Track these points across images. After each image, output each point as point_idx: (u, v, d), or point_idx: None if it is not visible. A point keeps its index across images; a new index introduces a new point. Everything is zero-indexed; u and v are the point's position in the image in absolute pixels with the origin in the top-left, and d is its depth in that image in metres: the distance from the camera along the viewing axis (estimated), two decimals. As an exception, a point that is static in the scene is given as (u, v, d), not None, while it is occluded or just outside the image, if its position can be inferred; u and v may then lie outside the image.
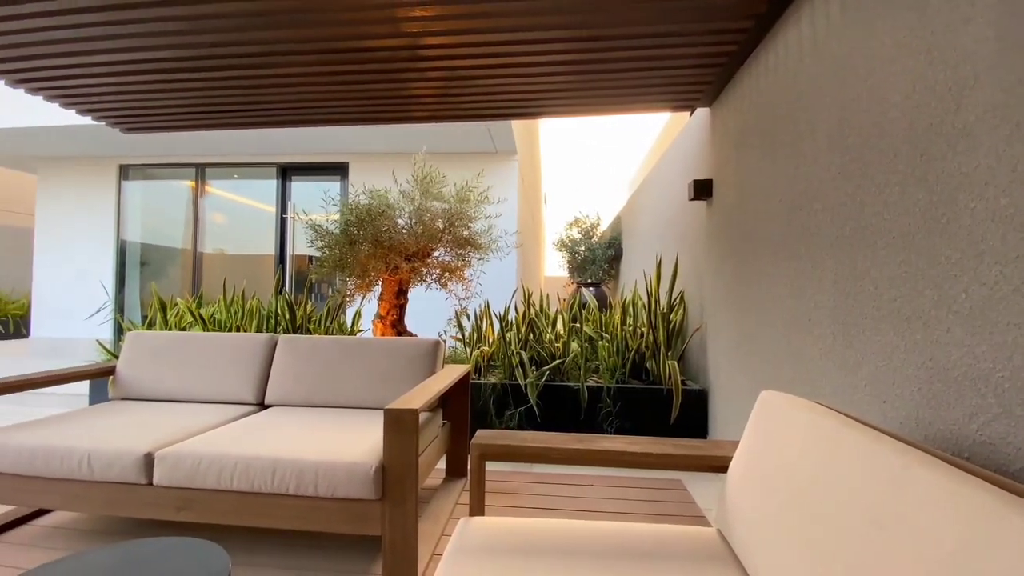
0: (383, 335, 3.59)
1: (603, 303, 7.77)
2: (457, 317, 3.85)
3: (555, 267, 11.04)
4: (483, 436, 1.53)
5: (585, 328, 3.73)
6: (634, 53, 2.64)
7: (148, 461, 1.82)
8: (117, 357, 2.78)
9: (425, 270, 3.64)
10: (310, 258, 6.30)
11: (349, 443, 1.87)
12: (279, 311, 3.92)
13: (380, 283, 3.63)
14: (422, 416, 2.12)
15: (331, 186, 6.51)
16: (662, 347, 3.41)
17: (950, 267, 1.17)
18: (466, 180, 3.66)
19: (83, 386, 4.23)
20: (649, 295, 3.64)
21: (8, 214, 11.35)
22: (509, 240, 5.22)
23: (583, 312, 3.89)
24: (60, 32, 2.51)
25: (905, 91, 1.34)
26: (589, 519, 1.87)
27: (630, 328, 3.63)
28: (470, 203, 3.59)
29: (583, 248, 9.34)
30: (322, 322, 3.97)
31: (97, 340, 4.93)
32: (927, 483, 0.73)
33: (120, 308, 6.73)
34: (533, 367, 3.40)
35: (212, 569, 1.14)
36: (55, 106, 3.49)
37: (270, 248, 6.54)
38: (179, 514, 1.80)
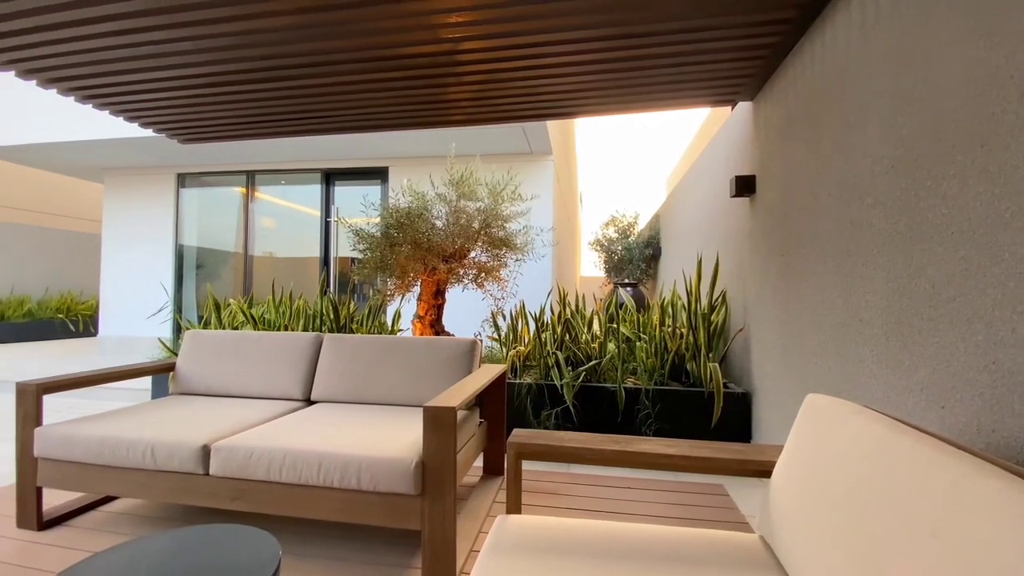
0: (422, 334, 3.67)
1: (641, 303, 7.65)
2: (493, 317, 3.89)
3: (591, 267, 10.93)
4: (520, 435, 1.55)
5: (622, 329, 3.68)
6: (671, 49, 2.59)
7: (205, 453, 1.94)
8: (177, 354, 2.96)
9: (462, 271, 3.69)
10: (352, 260, 6.50)
11: (390, 439, 1.93)
12: (324, 311, 4.06)
13: (419, 284, 3.72)
14: (460, 414, 2.16)
15: (372, 190, 6.69)
16: (703, 348, 3.33)
17: (1015, 264, 1.09)
18: (498, 178, 3.69)
19: (146, 381, 4.53)
20: (689, 295, 3.57)
21: (79, 221, 12.27)
22: (544, 239, 5.23)
23: (620, 312, 3.84)
24: (123, 51, 2.70)
25: (963, 78, 1.27)
26: (627, 522, 1.85)
27: (669, 329, 3.56)
28: (504, 200, 3.61)
29: (620, 247, 9.22)
30: (364, 322, 4.09)
31: (159, 338, 5.27)
32: (987, 493, 0.69)
33: (178, 308, 7.14)
34: (569, 368, 3.39)
35: (264, 556, 1.20)
36: (119, 120, 3.76)
37: (315, 251, 6.79)
38: (233, 503, 1.90)
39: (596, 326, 3.88)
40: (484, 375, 2.33)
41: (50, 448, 2.07)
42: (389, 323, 4.26)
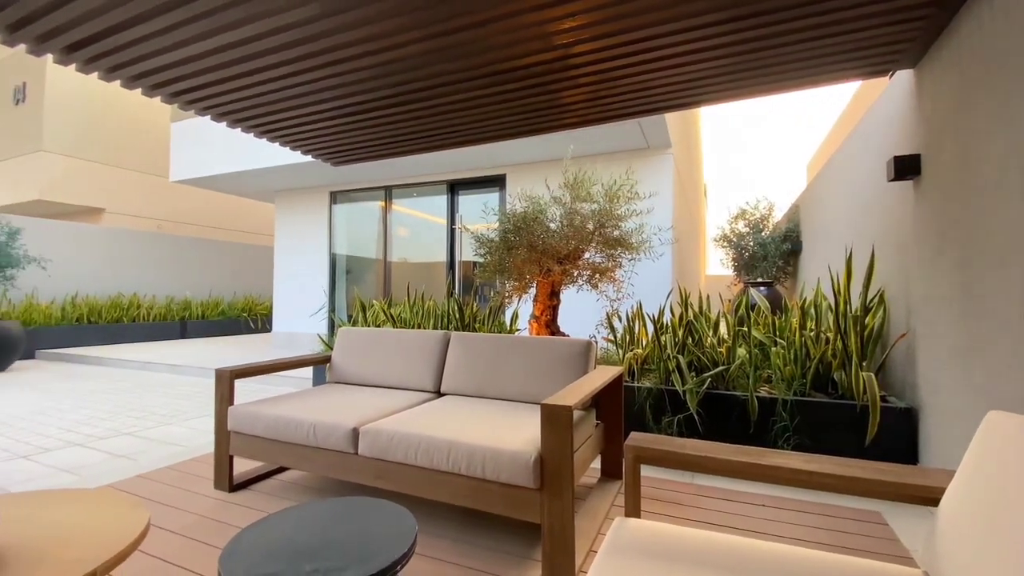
0: (538, 334, 3.76)
1: (776, 304, 6.92)
2: (608, 318, 3.84)
3: (718, 265, 10.16)
4: (638, 438, 1.53)
5: (754, 332, 3.39)
6: (809, 21, 2.34)
7: (354, 435, 2.22)
8: (332, 348, 3.42)
9: (576, 272, 3.71)
10: (474, 264, 6.89)
11: (511, 433, 2.03)
12: (451, 311, 4.38)
13: (535, 285, 3.82)
14: (576, 414, 2.19)
15: (491, 197, 7.03)
16: (854, 356, 2.93)
17: None
18: (614, 179, 3.63)
19: (308, 370, 5.30)
20: (836, 295, 3.16)
21: (257, 236, 14.73)
22: (663, 237, 5.01)
23: (752, 314, 3.54)
24: (288, 91, 3.21)
25: None
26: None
27: (811, 333, 3.19)
28: (619, 201, 3.55)
29: (751, 243, 8.44)
30: (485, 321, 4.32)
31: (318, 334, 6.12)
32: None
33: (333, 308, 8.21)
34: (692, 373, 3.22)
35: (403, 528, 1.35)
36: (286, 149, 4.46)
37: (442, 256, 7.33)
38: (377, 481, 2.16)
39: (723, 329, 3.62)
40: (600, 376, 2.33)
41: (239, 424, 2.54)
42: (508, 323, 4.43)
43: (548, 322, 3.75)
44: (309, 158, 4.73)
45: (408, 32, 2.51)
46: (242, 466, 2.81)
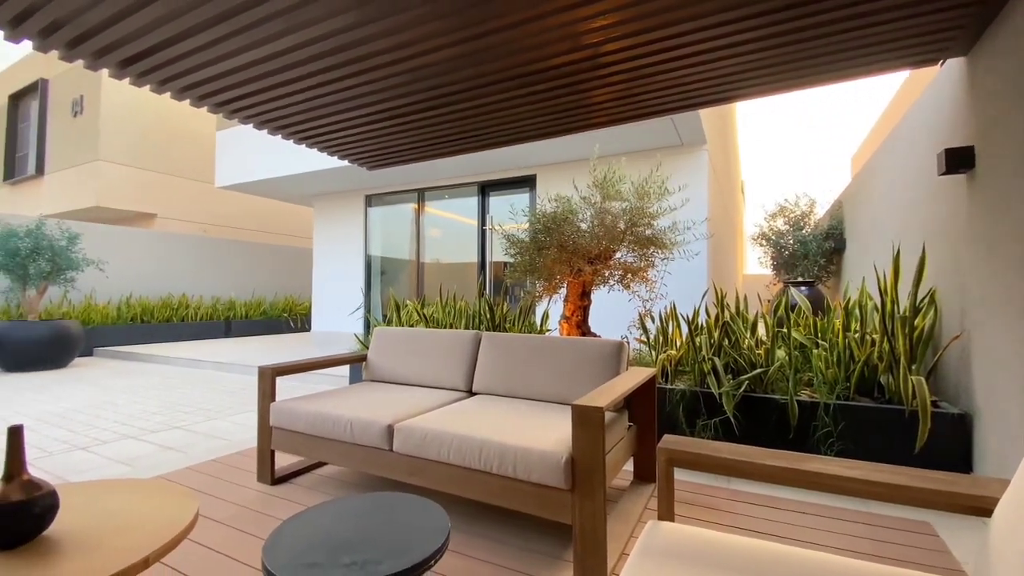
0: (568, 335, 3.75)
1: (818, 305, 6.67)
2: (641, 319, 3.78)
3: (756, 264, 9.84)
4: (671, 441, 1.51)
5: (794, 334, 3.28)
6: (849, 11, 2.25)
7: (389, 432, 2.28)
8: (367, 347, 3.51)
9: (607, 272, 3.68)
10: (504, 264, 6.92)
11: (542, 432, 2.03)
12: (482, 311, 4.42)
13: (565, 285, 3.81)
14: (607, 415, 2.18)
15: (521, 197, 7.05)
16: (902, 359, 2.79)
17: None
18: (643, 176, 3.58)
19: (344, 368, 5.44)
20: (883, 295, 3.02)
21: (296, 239, 15.23)
22: (697, 234, 4.90)
23: (791, 315, 3.42)
24: (326, 98, 3.31)
25: None
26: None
27: (856, 335, 3.06)
28: (650, 199, 3.49)
29: (791, 241, 8.15)
30: (516, 321, 4.34)
31: (354, 333, 6.29)
32: None
33: (368, 308, 8.41)
34: (728, 375, 3.14)
35: (436, 524, 1.38)
36: (323, 154, 4.60)
37: (473, 256, 7.40)
38: (411, 477, 2.20)
39: (761, 330, 3.52)
40: (632, 378, 2.31)
41: (280, 419, 2.64)
42: (538, 323, 4.44)
43: (579, 322, 3.73)
44: (345, 163, 4.86)
45: (439, 37, 2.56)
46: (282, 460, 2.92)
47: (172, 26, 2.48)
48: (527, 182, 6.96)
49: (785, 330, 3.28)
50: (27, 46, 2.70)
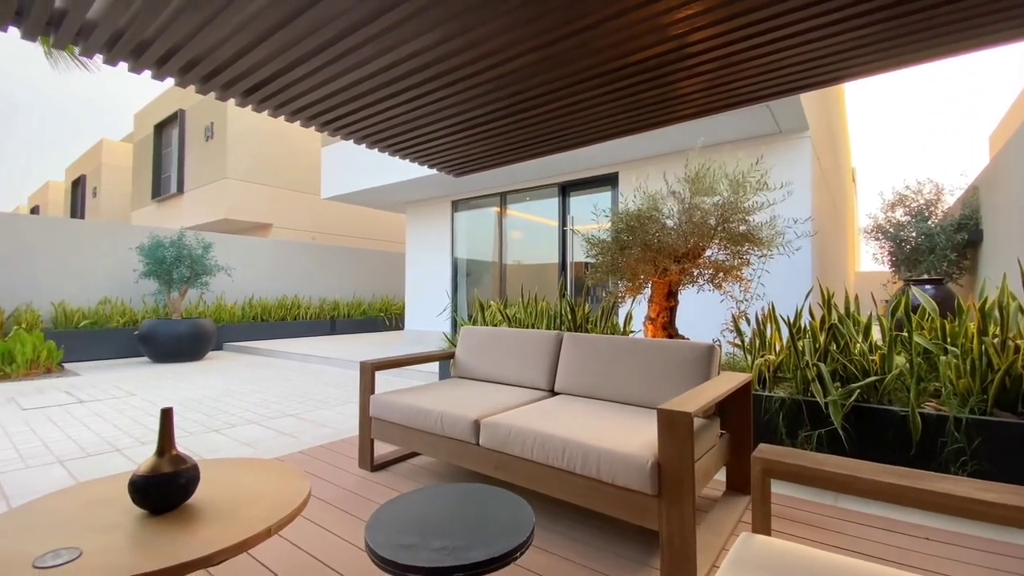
0: (654, 336, 3.64)
1: (947, 306, 5.83)
2: (734, 321, 3.56)
3: (871, 261, 8.82)
4: (766, 451, 1.42)
5: (917, 338, 2.91)
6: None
7: (476, 426, 2.37)
8: (455, 345, 3.67)
9: (696, 271, 3.51)
10: (586, 265, 6.86)
11: (626, 435, 2.01)
12: (563, 312, 4.43)
13: (650, 286, 3.69)
14: (697, 422, 2.09)
15: (602, 196, 6.94)
16: (1059, 368, 2.38)
17: None
18: (740, 170, 3.36)
19: (434, 365, 5.73)
20: (1031, 294, 2.59)
21: (391, 244, 16.25)
22: (800, 230, 4.51)
23: (913, 317, 3.04)
24: (417, 111, 3.52)
25: None
26: (920, 576, 1.49)
27: (995, 340, 2.65)
28: (746, 193, 3.27)
29: (913, 233, 7.20)
30: (598, 322, 4.29)
31: (443, 332, 6.59)
32: None
33: (455, 308, 8.77)
34: (836, 383, 2.87)
35: (521, 517, 1.43)
36: (414, 164, 4.87)
37: (554, 257, 7.42)
38: (496, 472, 2.28)
39: (876, 334, 3.17)
40: (724, 383, 2.19)
41: (379, 411, 2.85)
42: (621, 324, 4.35)
43: (665, 324, 3.60)
44: (434, 171, 5.12)
45: (520, 44, 2.62)
46: (380, 449, 3.15)
47: (283, 58, 2.79)
48: (609, 180, 6.85)
49: (905, 333, 2.92)
50: (168, 83, 3.18)
